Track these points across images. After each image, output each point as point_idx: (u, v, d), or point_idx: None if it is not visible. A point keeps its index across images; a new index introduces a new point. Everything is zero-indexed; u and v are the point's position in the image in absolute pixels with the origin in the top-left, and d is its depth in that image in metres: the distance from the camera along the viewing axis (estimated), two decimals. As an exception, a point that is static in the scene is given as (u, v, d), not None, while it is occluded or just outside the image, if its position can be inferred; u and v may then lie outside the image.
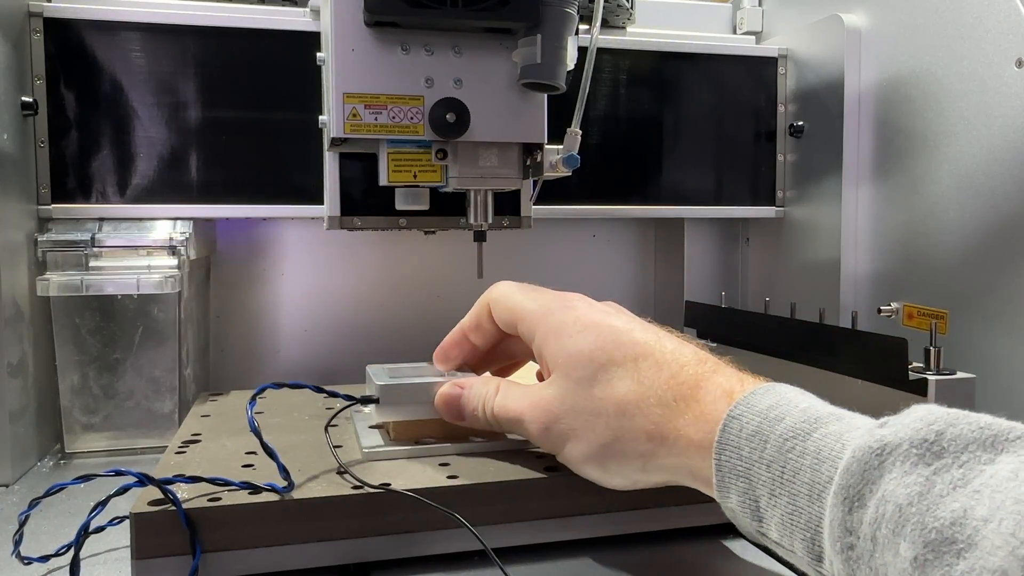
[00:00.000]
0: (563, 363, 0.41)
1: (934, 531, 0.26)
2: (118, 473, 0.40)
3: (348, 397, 0.48)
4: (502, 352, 0.51)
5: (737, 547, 0.47)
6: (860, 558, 0.28)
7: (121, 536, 0.46)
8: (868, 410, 0.59)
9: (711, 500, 0.47)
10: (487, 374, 0.50)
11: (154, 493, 0.40)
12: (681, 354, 0.39)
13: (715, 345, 0.78)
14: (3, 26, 0.63)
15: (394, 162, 0.56)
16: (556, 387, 0.41)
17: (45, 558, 0.43)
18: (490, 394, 0.45)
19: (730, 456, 0.35)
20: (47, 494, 0.43)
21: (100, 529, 0.46)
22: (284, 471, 0.41)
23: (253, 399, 0.45)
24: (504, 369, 0.53)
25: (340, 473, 0.45)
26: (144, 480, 0.40)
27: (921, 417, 0.29)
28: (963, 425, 0.28)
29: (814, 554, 0.31)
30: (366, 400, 0.48)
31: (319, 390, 0.48)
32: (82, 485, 0.42)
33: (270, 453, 0.42)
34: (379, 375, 0.50)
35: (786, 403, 0.35)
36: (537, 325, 0.44)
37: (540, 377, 0.47)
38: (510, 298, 0.46)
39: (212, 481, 0.42)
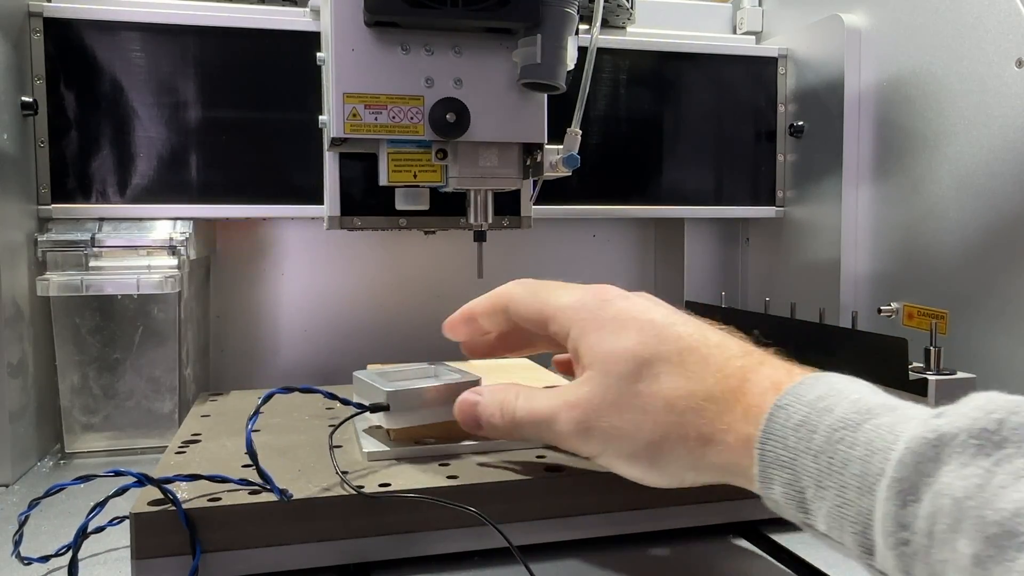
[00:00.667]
0: (603, 359, 0.39)
1: (995, 524, 0.24)
2: (118, 473, 0.40)
3: (359, 405, 0.48)
4: (511, 341, 0.50)
5: (738, 547, 0.47)
6: (916, 554, 0.27)
7: (121, 536, 0.46)
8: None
9: (711, 500, 0.47)
10: (504, 382, 0.48)
11: (154, 493, 0.40)
12: (726, 347, 0.38)
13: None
14: (3, 26, 0.63)
15: (394, 162, 0.56)
16: (595, 384, 0.39)
17: (45, 558, 0.43)
18: (510, 399, 0.43)
19: (774, 446, 0.33)
20: (47, 494, 0.43)
21: (100, 529, 0.46)
22: (280, 492, 0.40)
23: (256, 412, 0.43)
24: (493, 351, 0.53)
25: (340, 473, 0.45)
26: (144, 480, 0.40)
27: (980, 406, 0.28)
28: None
29: (865, 547, 0.30)
30: (375, 408, 0.48)
31: (331, 396, 0.47)
32: (82, 485, 0.42)
33: (264, 477, 0.41)
34: (376, 380, 0.50)
35: (836, 393, 0.33)
36: (572, 322, 0.41)
37: (571, 374, 0.45)
38: (537, 296, 0.44)
39: (211, 479, 0.42)
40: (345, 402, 0.48)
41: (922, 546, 0.27)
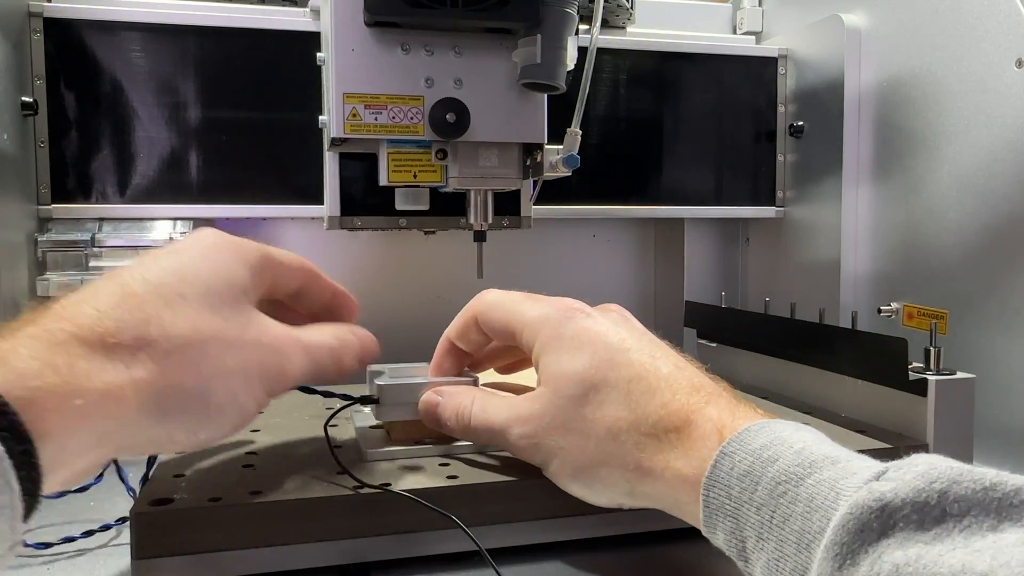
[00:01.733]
0: (556, 379, 0.41)
1: None
2: (119, 473, 0.40)
3: (346, 397, 0.48)
4: (502, 352, 0.51)
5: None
6: None
7: (122, 535, 0.46)
8: (868, 410, 0.59)
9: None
10: (469, 385, 0.48)
11: (154, 493, 0.40)
12: (675, 380, 0.39)
13: (715, 345, 0.78)
14: (3, 26, 0.63)
15: (394, 162, 0.56)
16: (545, 402, 0.41)
17: (46, 544, 0.43)
18: (465, 405, 0.44)
19: (718, 494, 0.34)
20: (46, 495, 0.43)
21: (106, 527, 0.46)
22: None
23: None
24: (511, 366, 0.52)
25: (340, 473, 0.45)
26: (144, 480, 0.40)
27: (923, 474, 0.28)
28: (967, 483, 0.28)
29: None
30: (366, 400, 0.48)
31: (328, 395, 0.48)
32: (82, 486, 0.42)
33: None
34: (379, 375, 0.50)
35: (780, 443, 0.34)
36: (536, 335, 0.42)
37: None
38: (503, 307, 0.45)
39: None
40: (344, 398, 0.48)
41: None
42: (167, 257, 0.38)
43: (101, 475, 0.48)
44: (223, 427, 0.37)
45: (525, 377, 0.62)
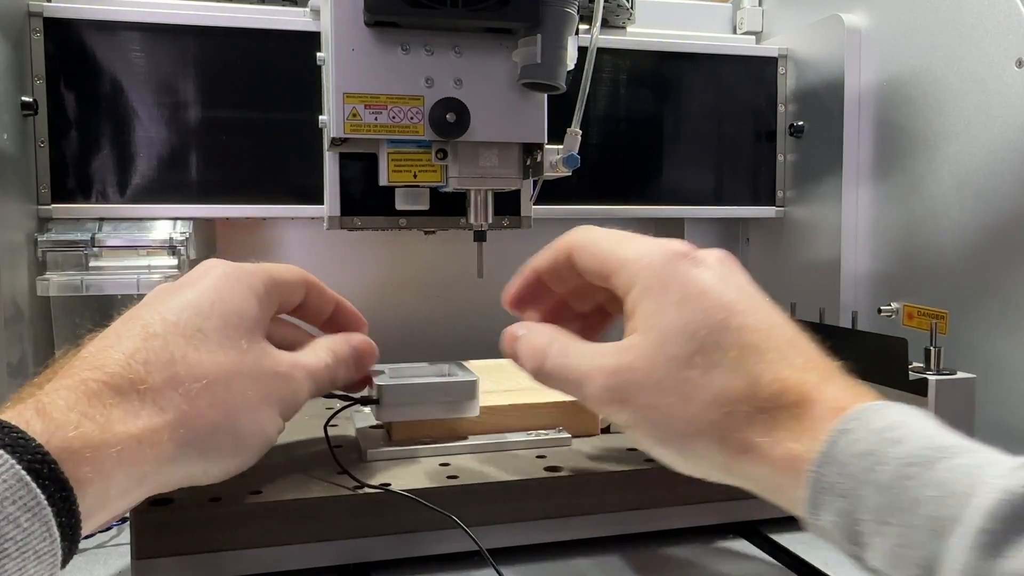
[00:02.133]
0: (656, 332, 0.36)
1: None
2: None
3: (346, 397, 0.48)
4: (589, 292, 0.44)
5: (737, 547, 0.47)
6: None
7: (121, 535, 0.46)
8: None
9: (711, 500, 0.47)
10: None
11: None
12: (792, 352, 0.35)
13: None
14: (3, 26, 0.63)
15: (394, 162, 0.56)
16: (642, 356, 0.36)
17: None
18: (543, 344, 0.40)
19: (832, 472, 0.31)
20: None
21: (106, 528, 0.46)
22: None
23: None
24: (594, 316, 0.46)
25: (340, 473, 0.45)
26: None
27: None
28: None
29: None
30: (366, 400, 0.48)
31: (328, 395, 0.48)
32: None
33: None
34: (379, 375, 0.50)
35: (905, 425, 0.31)
36: (635, 278, 0.37)
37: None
38: (599, 245, 0.40)
39: None
40: (344, 398, 0.48)
41: None
42: (181, 293, 0.39)
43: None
44: (251, 456, 0.39)
45: (523, 372, 0.62)
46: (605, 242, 0.40)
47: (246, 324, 0.39)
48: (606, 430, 0.55)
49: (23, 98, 0.66)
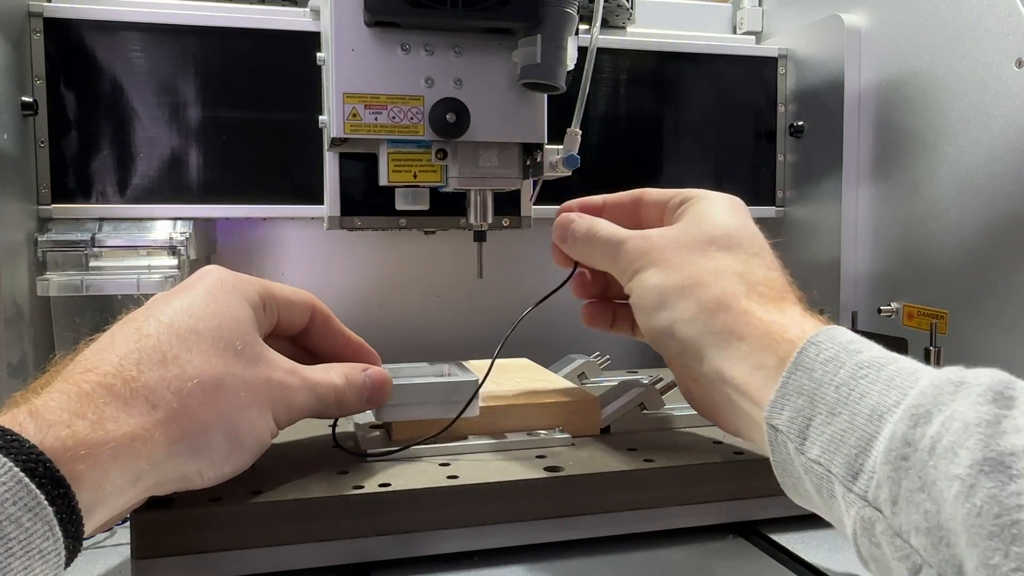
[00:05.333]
0: (698, 218, 0.45)
1: (995, 452, 0.27)
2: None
3: None
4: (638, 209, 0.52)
5: (737, 547, 0.47)
6: (912, 468, 0.30)
7: (122, 535, 0.46)
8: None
9: (711, 500, 0.47)
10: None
11: (154, 493, 0.40)
12: (781, 273, 0.44)
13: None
14: (3, 26, 0.63)
15: (394, 162, 0.56)
16: (678, 230, 0.45)
17: None
18: (594, 221, 0.49)
19: (800, 376, 0.36)
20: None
21: (106, 528, 0.46)
22: None
23: None
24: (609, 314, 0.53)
25: (340, 473, 0.45)
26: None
27: (999, 375, 0.31)
28: None
29: (852, 470, 0.32)
30: None
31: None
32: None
33: None
34: None
35: (863, 341, 0.36)
36: (699, 194, 0.48)
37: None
38: (665, 189, 0.50)
39: None
40: None
41: (920, 460, 0.29)
42: (176, 298, 0.40)
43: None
44: (244, 458, 0.39)
45: (522, 372, 0.62)
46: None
47: (241, 326, 0.40)
48: (606, 430, 0.55)
49: (23, 98, 0.66)
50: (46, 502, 0.29)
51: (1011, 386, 0.30)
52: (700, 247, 0.44)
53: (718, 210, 0.46)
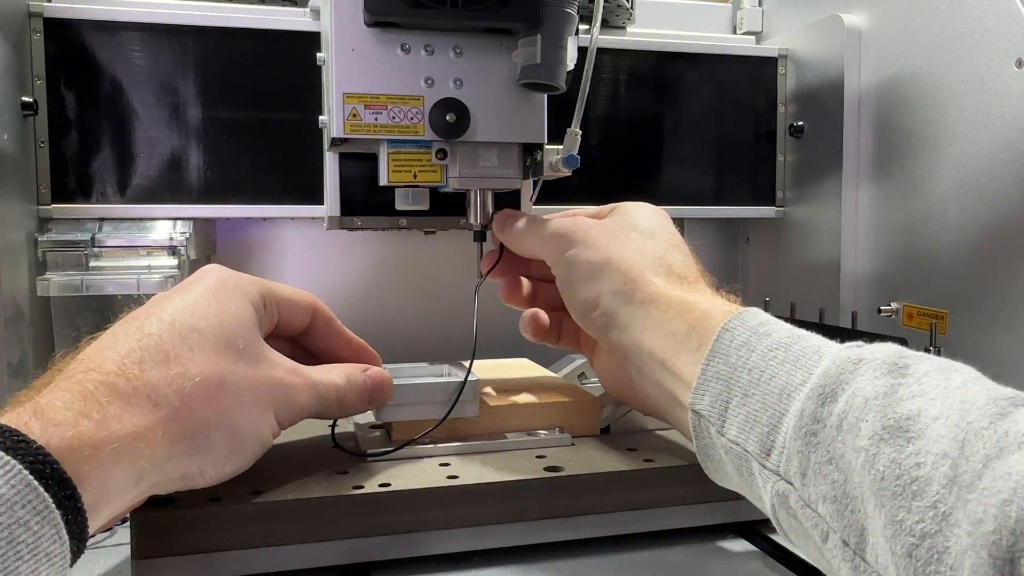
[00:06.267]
0: (627, 213, 0.51)
1: (893, 420, 0.30)
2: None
3: None
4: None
5: (736, 547, 0.47)
6: (820, 443, 0.32)
7: (122, 535, 0.46)
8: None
9: (711, 500, 0.47)
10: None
11: (154, 493, 0.40)
12: (694, 261, 0.49)
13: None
14: (3, 26, 0.63)
15: (394, 162, 0.56)
16: (607, 219, 0.51)
17: None
18: (527, 216, 0.54)
19: (717, 363, 0.39)
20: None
21: (106, 528, 0.46)
22: None
23: None
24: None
25: (340, 473, 0.45)
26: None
27: (893, 348, 0.34)
28: (928, 360, 0.33)
29: (765, 447, 0.35)
30: None
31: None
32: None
33: None
34: None
35: (772, 322, 0.39)
36: (625, 203, 0.53)
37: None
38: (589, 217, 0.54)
39: None
40: None
41: (828, 436, 0.32)
42: (178, 296, 0.40)
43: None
44: (246, 457, 0.39)
45: (523, 372, 0.62)
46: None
47: (243, 325, 0.40)
48: (606, 430, 0.55)
49: (23, 98, 0.66)
50: (53, 505, 0.29)
51: (904, 355, 0.33)
52: (624, 232, 0.48)
53: (642, 212, 0.51)
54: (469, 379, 0.50)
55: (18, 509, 0.28)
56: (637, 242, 0.48)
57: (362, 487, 0.43)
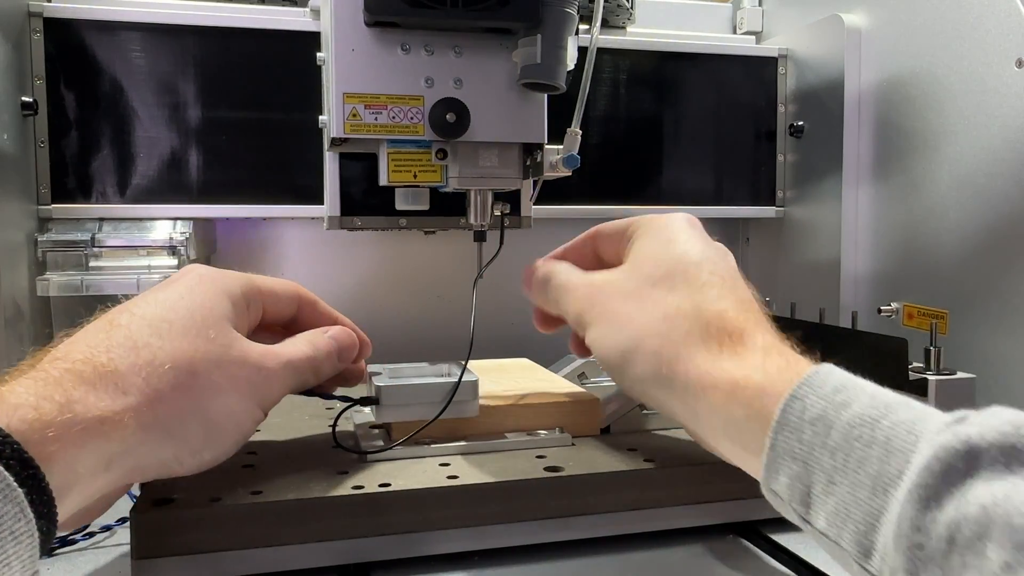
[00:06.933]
0: (641, 257, 0.44)
1: (1022, 530, 0.25)
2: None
3: (345, 398, 0.48)
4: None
5: (737, 547, 0.47)
6: (931, 559, 0.27)
7: (122, 535, 0.46)
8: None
9: (711, 500, 0.47)
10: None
11: (154, 493, 0.41)
12: (735, 296, 0.41)
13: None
14: (3, 26, 0.63)
15: (394, 162, 0.56)
16: (621, 274, 0.44)
17: None
18: (550, 270, 0.49)
19: (787, 438, 0.33)
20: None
21: (107, 528, 0.46)
22: None
23: None
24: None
25: (340, 473, 0.45)
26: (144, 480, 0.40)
27: (1009, 420, 0.28)
28: None
29: (863, 548, 0.30)
30: (366, 401, 0.48)
31: (327, 396, 0.48)
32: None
33: None
34: (379, 376, 0.50)
35: (852, 387, 0.33)
36: (641, 224, 0.46)
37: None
38: (618, 220, 0.49)
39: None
40: (343, 399, 0.48)
41: (938, 551, 0.27)
42: (153, 293, 0.40)
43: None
44: (224, 444, 0.39)
45: (522, 372, 0.62)
46: (623, 218, 0.48)
47: (215, 316, 0.40)
48: (606, 430, 0.55)
49: (23, 98, 0.66)
50: (15, 483, 0.29)
51: (1022, 431, 0.27)
52: (645, 291, 0.42)
53: (659, 244, 0.44)
54: (471, 379, 0.50)
55: None
56: (664, 303, 0.41)
57: (362, 487, 0.43)
